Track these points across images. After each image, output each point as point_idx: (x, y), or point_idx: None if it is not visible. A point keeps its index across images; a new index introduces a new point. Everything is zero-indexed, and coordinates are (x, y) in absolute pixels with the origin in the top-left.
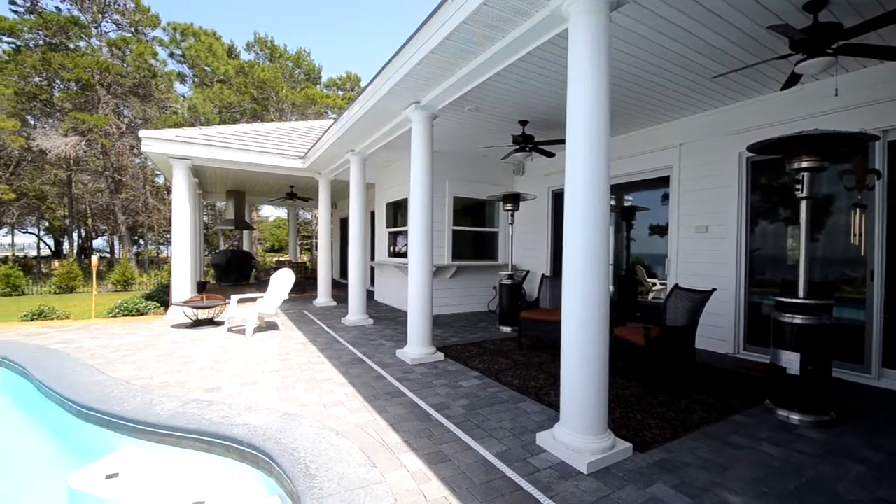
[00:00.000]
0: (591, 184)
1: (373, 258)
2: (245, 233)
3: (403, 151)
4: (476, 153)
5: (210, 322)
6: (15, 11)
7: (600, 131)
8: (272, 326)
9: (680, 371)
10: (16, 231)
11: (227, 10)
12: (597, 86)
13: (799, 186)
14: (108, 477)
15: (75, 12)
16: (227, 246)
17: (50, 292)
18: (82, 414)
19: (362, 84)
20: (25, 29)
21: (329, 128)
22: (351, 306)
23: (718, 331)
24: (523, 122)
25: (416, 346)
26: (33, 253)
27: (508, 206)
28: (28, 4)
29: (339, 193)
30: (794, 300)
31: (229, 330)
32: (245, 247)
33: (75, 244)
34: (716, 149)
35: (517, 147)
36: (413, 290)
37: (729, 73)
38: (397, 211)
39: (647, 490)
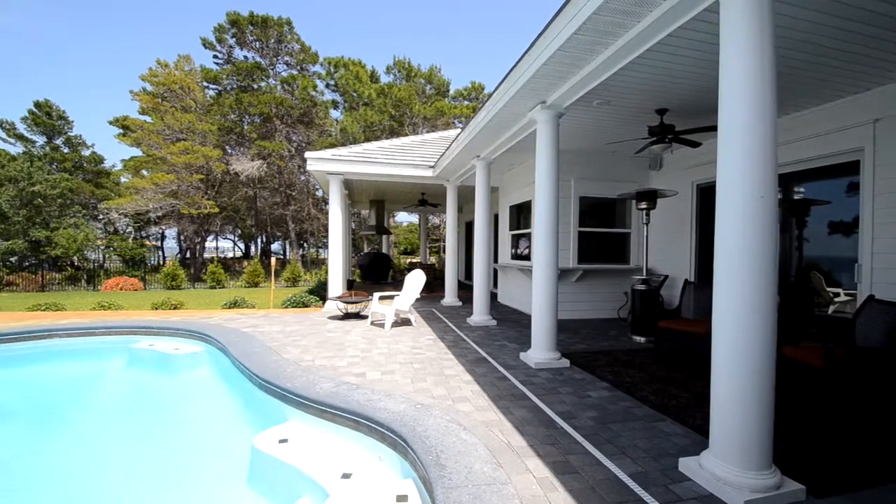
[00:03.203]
0: (753, 174)
1: (496, 260)
2: (384, 237)
3: (527, 154)
4: (604, 150)
5: (357, 315)
6: (217, 63)
7: (765, 111)
8: (406, 322)
9: (875, 403)
10: (218, 238)
11: (369, 35)
12: (758, 60)
13: None
14: (281, 441)
15: (258, 58)
16: (369, 249)
17: (241, 286)
18: (263, 386)
19: (486, 91)
20: (224, 77)
21: (457, 136)
22: (475, 307)
23: None
24: (661, 111)
25: (540, 351)
26: (230, 254)
27: (643, 205)
28: (225, 56)
29: (465, 198)
30: None
31: (372, 323)
32: (384, 249)
33: (259, 247)
34: None
35: (654, 139)
36: (537, 294)
37: None
38: (520, 213)
39: None
